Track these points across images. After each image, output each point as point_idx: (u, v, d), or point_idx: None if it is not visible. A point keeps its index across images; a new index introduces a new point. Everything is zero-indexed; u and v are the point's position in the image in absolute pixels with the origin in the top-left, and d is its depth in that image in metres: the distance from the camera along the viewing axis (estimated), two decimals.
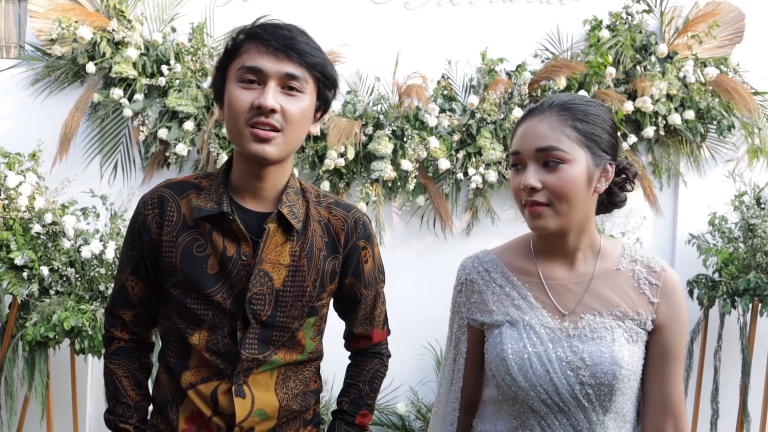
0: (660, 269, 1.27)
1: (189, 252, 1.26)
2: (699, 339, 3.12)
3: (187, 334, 1.27)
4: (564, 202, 1.19)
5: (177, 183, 1.32)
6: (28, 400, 2.82)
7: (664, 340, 1.26)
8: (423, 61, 3.23)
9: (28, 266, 2.67)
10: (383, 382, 3.16)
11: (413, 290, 3.27)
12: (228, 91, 1.22)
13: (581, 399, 1.21)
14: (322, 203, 1.36)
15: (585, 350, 1.21)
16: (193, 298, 1.26)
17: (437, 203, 3.23)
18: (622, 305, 1.25)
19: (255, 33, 1.22)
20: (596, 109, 1.23)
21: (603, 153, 1.22)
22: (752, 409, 3.02)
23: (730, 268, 2.92)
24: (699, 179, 3.30)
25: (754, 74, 3.25)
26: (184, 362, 1.28)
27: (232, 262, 1.25)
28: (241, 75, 1.20)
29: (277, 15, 3.67)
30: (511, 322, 1.28)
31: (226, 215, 1.25)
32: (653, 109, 3.12)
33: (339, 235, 1.35)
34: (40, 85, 3.21)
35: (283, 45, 1.21)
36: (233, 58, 1.23)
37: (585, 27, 3.28)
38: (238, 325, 1.26)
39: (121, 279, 1.35)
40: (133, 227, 1.31)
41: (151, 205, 1.29)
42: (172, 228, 1.27)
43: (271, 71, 1.19)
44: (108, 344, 1.38)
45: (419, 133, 3.14)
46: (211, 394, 1.26)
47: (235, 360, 1.26)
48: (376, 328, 1.51)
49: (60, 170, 3.14)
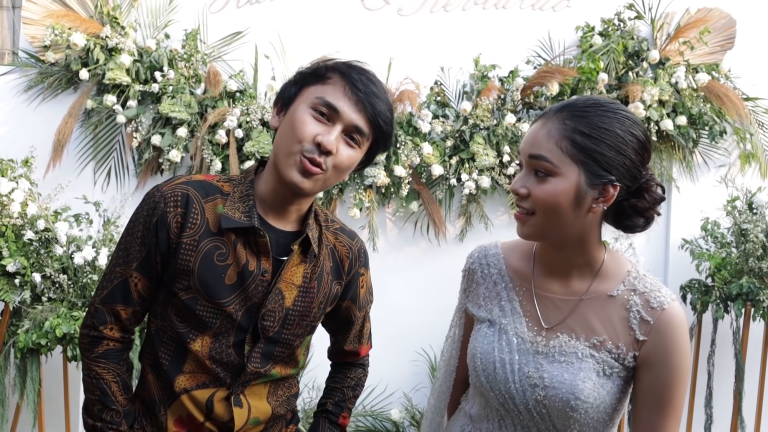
0: (658, 306, 1.15)
1: (209, 259, 1.23)
2: (692, 344, 3.12)
3: (188, 340, 1.25)
4: (545, 215, 1.13)
5: (200, 183, 1.28)
6: (20, 408, 2.81)
7: (649, 381, 1.15)
8: (416, 68, 3.24)
9: (20, 273, 2.66)
10: (379, 388, 3.15)
11: (407, 296, 3.27)
12: (296, 111, 1.22)
13: (535, 415, 1.18)
14: (330, 228, 1.39)
15: (547, 370, 1.17)
16: (204, 305, 1.24)
17: (430, 209, 3.23)
18: (602, 335, 1.16)
19: (348, 74, 1.22)
20: (610, 122, 1.11)
21: (603, 172, 1.10)
22: (746, 414, 3.03)
23: (722, 273, 2.93)
24: (691, 184, 3.31)
25: (745, 80, 3.27)
26: (178, 366, 1.27)
27: (252, 277, 1.25)
28: (317, 105, 1.20)
29: (272, 21, 3.66)
30: (491, 321, 1.27)
31: (256, 230, 1.24)
32: (645, 115, 3.13)
33: (343, 262, 1.39)
34: (33, 92, 3.21)
35: (368, 100, 1.22)
36: (316, 83, 1.23)
37: (577, 33, 3.29)
38: (247, 338, 1.27)
39: (123, 273, 1.27)
40: (148, 221, 1.24)
41: (174, 202, 1.24)
42: (195, 231, 1.24)
43: (345, 117, 1.20)
44: (93, 345, 1.29)
45: (412, 139, 3.15)
46: (207, 401, 1.27)
47: (238, 371, 1.28)
48: (363, 344, 1.55)
49: (53, 177, 3.13)
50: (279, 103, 1.28)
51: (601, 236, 1.21)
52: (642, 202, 1.15)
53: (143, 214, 1.26)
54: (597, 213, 1.14)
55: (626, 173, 1.12)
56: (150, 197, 1.26)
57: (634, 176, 1.13)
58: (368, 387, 3.25)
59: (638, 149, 1.13)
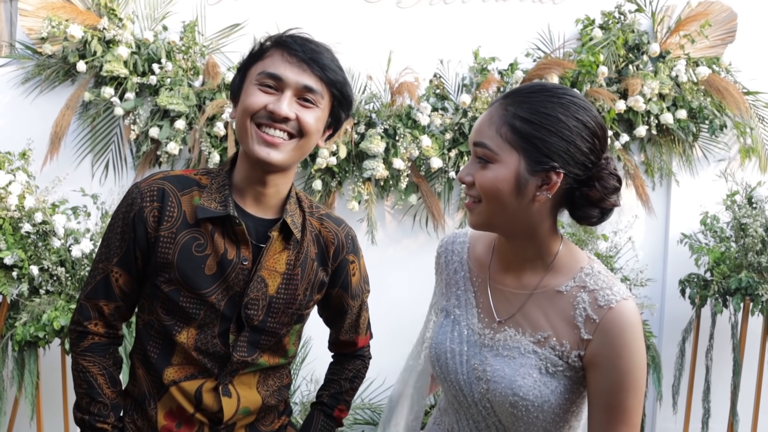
0: (605, 304, 1.09)
1: (188, 250, 1.24)
2: (691, 338, 3.12)
3: (174, 332, 1.26)
4: (489, 202, 1.10)
5: (177, 177, 1.29)
6: (18, 401, 2.81)
7: (597, 383, 1.09)
8: (415, 60, 3.23)
9: (18, 266, 2.65)
10: (377, 381, 3.15)
11: (406, 289, 3.26)
12: (244, 91, 1.23)
13: (482, 409, 1.17)
14: (315, 214, 1.38)
15: (491, 364, 1.15)
16: (186, 296, 1.24)
17: (429, 202, 3.22)
18: (547, 331, 1.12)
19: (283, 41, 1.23)
20: (553, 107, 1.07)
21: (545, 158, 1.06)
22: (744, 408, 3.03)
23: (721, 267, 2.93)
24: (691, 178, 3.30)
25: (745, 74, 3.26)
26: (167, 359, 1.27)
27: (231, 265, 1.25)
28: (260, 79, 1.21)
29: (270, 13, 3.64)
30: (447, 312, 1.27)
31: (232, 218, 1.24)
32: (645, 109, 3.12)
33: (329, 248, 1.38)
34: (30, 84, 3.19)
35: (307, 57, 1.22)
36: (256, 62, 1.24)
37: (577, 26, 3.28)
38: (231, 327, 1.27)
39: (105, 269, 1.29)
40: (126, 217, 1.26)
41: (150, 197, 1.25)
42: (172, 224, 1.25)
43: (290, 81, 1.20)
44: (80, 339, 1.31)
45: (411, 131, 3.14)
46: (195, 392, 1.27)
47: (224, 361, 1.28)
48: (360, 334, 1.54)
49: (50, 169, 3.12)
50: (232, 96, 1.30)
51: (554, 227, 1.16)
52: (593, 191, 1.09)
53: (122, 211, 1.27)
54: (542, 201, 1.09)
55: (571, 160, 1.07)
56: (129, 194, 1.28)
57: (583, 164, 1.08)
58: (367, 380, 3.25)
59: (586, 136, 1.08)
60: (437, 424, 1.32)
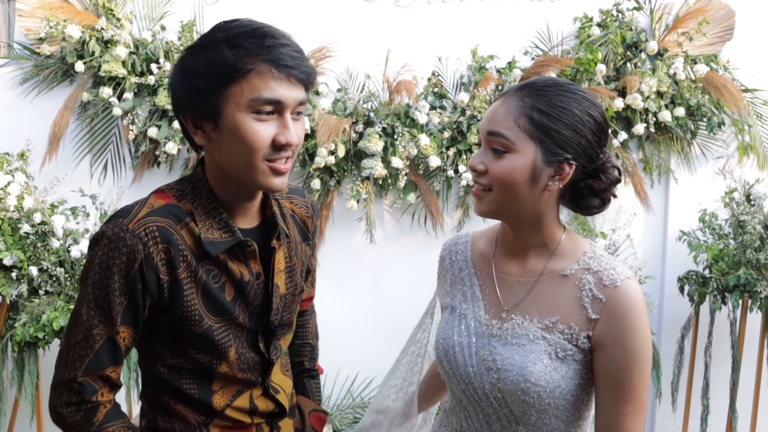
0: (610, 283, 1.13)
1: (209, 285, 1.16)
2: (690, 335, 3.12)
3: (214, 365, 1.19)
4: (502, 191, 1.14)
5: (165, 209, 1.14)
6: (18, 402, 2.81)
7: (604, 363, 1.13)
8: (413, 59, 3.22)
9: (17, 266, 2.66)
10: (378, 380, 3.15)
11: (405, 288, 3.27)
12: (236, 123, 1.07)
13: (492, 401, 1.18)
14: (283, 195, 1.33)
15: (500, 353, 1.17)
16: (219, 330, 1.18)
17: (428, 201, 3.23)
18: (555, 315, 1.16)
19: (266, 52, 1.07)
20: (568, 102, 1.13)
21: (560, 150, 1.12)
22: (743, 405, 3.03)
23: (720, 264, 2.93)
24: (689, 176, 3.30)
25: (744, 71, 3.25)
26: (208, 388, 1.20)
27: (249, 286, 1.20)
28: (256, 107, 1.07)
29: (268, 13, 3.64)
30: (453, 308, 1.29)
31: (243, 243, 1.18)
32: (644, 106, 3.12)
33: (306, 223, 1.36)
34: (28, 85, 3.20)
35: (300, 69, 1.10)
36: (237, 81, 1.07)
37: (575, 24, 3.28)
38: (259, 338, 1.24)
39: (107, 333, 1.12)
40: (128, 268, 1.09)
41: (153, 239, 1.10)
42: (188, 264, 1.13)
43: (289, 102, 1.09)
44: (90, 416, 1.14)
45: (410, 130, 3.14)
46: (250, 405, 1.24)
47: (265, 368, 1.26)
48: (313, 288, 1.54)
49: (49, 170, 3.12)
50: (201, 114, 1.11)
51: (558, 216, 1.21)
52: (598, 182, 1.16)
53: (116, 263, 1.09)
54: (553, 191, 1.15)
55: (582, 153, 1.13)
56: (118, 241, 1.09)
57: (591, 157, 1.15)
58: (367, 378, 3.26)
59: (595, 130, 1.14)
60: (444, 426, 1.33)
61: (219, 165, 1.15)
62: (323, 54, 3.20)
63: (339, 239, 3.31)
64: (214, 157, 1.15)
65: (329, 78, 3.24)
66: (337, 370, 3.25)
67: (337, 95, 3.24)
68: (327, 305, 3.28)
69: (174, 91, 1.14)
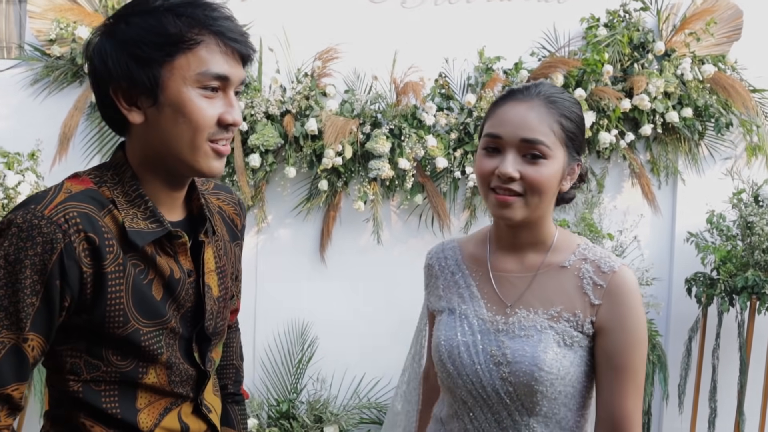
0: (608, 270, 1.20)
1: (137, 281, 1.01)
2: (697, 337, 3.11)
3: (139, 376, 1.04)
4: (537, 196, 1.17)
5: (85, 194, 1.00)
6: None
7: (607, 346, 1.19)
8: (420, 60, 3.23)
9: None
10: (384, 380, 3.14)
11: (412, 289, 3.26)
12: (182, 98, 0.98)
13: (503, 396, 1.20)
14: (209, 190, 1.22)
15: (509, 346, 1.19)
16: (147, 332, 1.03)
17: (435, 202, 3.23)
18: (559, 305, 1.20)
19: (218, 29, 1.00)
20: (577, 108, 1.23)
21: (575, 154, 1.22)
22: (752, 407, 3.02)
23: (728, 266, 2.92)
24: (697, 177, 3.30)
25: (752, 72, 3.24)
26: (132, 405, 1.05)
27: (180, 284, 1.07)
28: (203, 81, 0.99)
29: (277, 14, 3.65)
30: (451, 309, 1.30)
31: (172, 234, 1.05)
32: (651, 107, 3.12)
33: (235, 221, 1.25)
34: (39, 85, 3.23)
35: (244, 46, 1.02)
36: (183, 52, 0.98)
37: (582, 25, 3.28)
38: (194, 347, 1.11)
39: (11, 340, 0.94)
40: (43, 261, 0.93)
41: (75, 227, 0.95)
42: (116, 255, 0.99)
43: (234, 79, 1.02)
44: None
45: (417, 131, 3.15)
46: (180, 425, 1.10)
47: (201, 383, 1.13)
48: (239, 298, 1.37)
49: (59, 170, 3.14)
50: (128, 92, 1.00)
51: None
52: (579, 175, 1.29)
53: (28, 255, 0.93)
54: (563, 191, 1.24)
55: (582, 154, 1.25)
56: (31, 229, 0.93)
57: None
58: (373, 379, 3.27)
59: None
60: None
61: (151, 147, 1.03)
62: (331, 55, 3.21)
63: (346, 240, 3.32)
64: (146, 138, 1.03)
65: (336, 79, 3.26)
66: (343, 371, 3.25)
67: (345, 96, 3.25)
68: (334, 306, 3.29)
69: (103, 61, 0.99)
